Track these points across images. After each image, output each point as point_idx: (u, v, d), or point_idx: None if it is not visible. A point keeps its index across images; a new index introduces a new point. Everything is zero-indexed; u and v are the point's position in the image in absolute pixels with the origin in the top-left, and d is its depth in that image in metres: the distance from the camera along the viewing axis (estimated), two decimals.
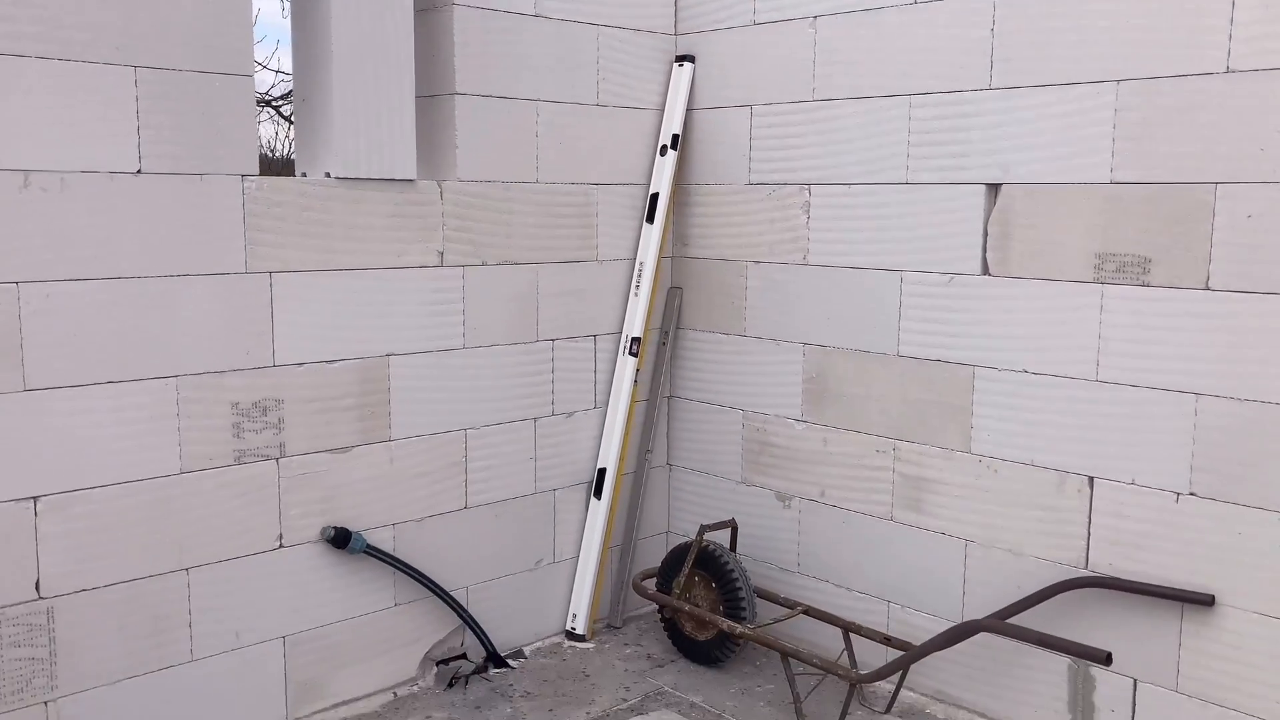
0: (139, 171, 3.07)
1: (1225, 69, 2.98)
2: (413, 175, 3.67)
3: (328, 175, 3.49)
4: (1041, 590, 3.40)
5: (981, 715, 3.68)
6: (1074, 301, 3.35)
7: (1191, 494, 3.15)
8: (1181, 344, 3.13)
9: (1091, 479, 3.36)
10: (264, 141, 10.02)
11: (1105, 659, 2.94)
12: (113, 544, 3.13)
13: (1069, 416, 3.39)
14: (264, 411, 3.39)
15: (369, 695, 3.77)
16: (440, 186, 3.76)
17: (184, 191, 3.16)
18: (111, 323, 3.06)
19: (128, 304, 3.09)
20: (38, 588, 3.01)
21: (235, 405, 3.33)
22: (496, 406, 4.01)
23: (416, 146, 3.71)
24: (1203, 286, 3.08)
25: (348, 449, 3.62)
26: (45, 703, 3.05)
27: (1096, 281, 3.29)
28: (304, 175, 3.54)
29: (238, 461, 3.36)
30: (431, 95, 3.81)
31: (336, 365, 3.55)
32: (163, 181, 3.11)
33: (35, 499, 2.99)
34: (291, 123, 8.75)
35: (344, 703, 3.71)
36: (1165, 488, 3.20)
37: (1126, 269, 3.23)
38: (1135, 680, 3.30)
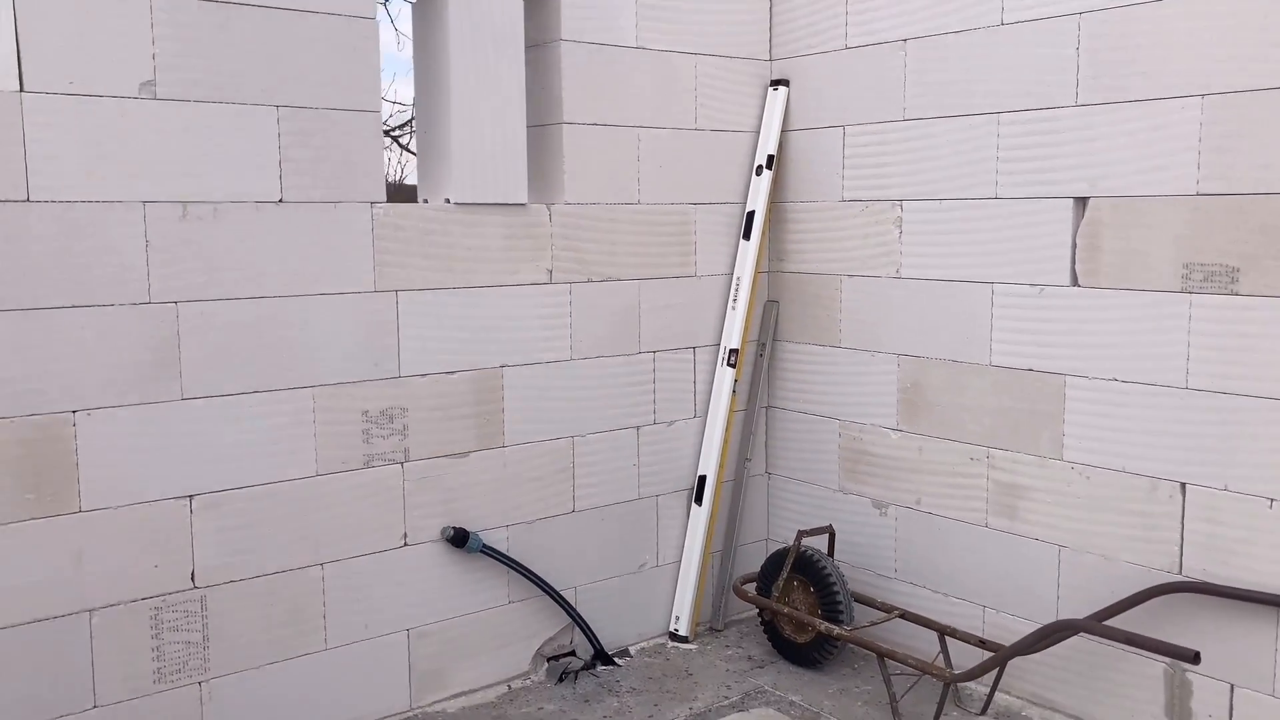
0: (280, 200, 3.40)
1: None
2: (524, 200, 3.94)
3: (447, 201, 3.78)
4: (1135, 595, 3.46)
5: (1076, 719, 3.74)
6: (1162, 311, 3.42)
7: None
8: (1272, 351, 3.18)
9: (1184, 485, 3.41)
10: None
11: (1193, 658, 3.01)
12: (257, 540, 3.45)
13: (1160, 424, 3.45)
14: (390, 419, 3.69)
15: (485, 687, 4.02)
16: (549, 209, 4.02)
17: (319, 219, 3.47)
18: (256, 338, 3.39)
19: (270, 321, 3.41)
20: (193, 578, 3.34)
21: (365, 413, 3.63)
22: (601, 415, 4.24)
23: (528, 172, 3.98)
24: None
25: (466, 454, 3.89)
26: (199, 683, 3.38)
27: (1184, 291, 3.36)
28: (425, 201, 3.84)
29: (367, 465, 3.66)
30: (541, 125, 4.08)
31: (455, 376, 3.83)
32: (301, 209, 3.44)
33: (191, 497, 3.33)
34: (408, 150, 9.22)
35: (462, 693, 3.97)
36: (1259, 494, 3.24)
37: (1214, 278, 3.29)
38: (1232, 685, 3.34)
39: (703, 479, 4.52)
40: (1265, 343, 3.19)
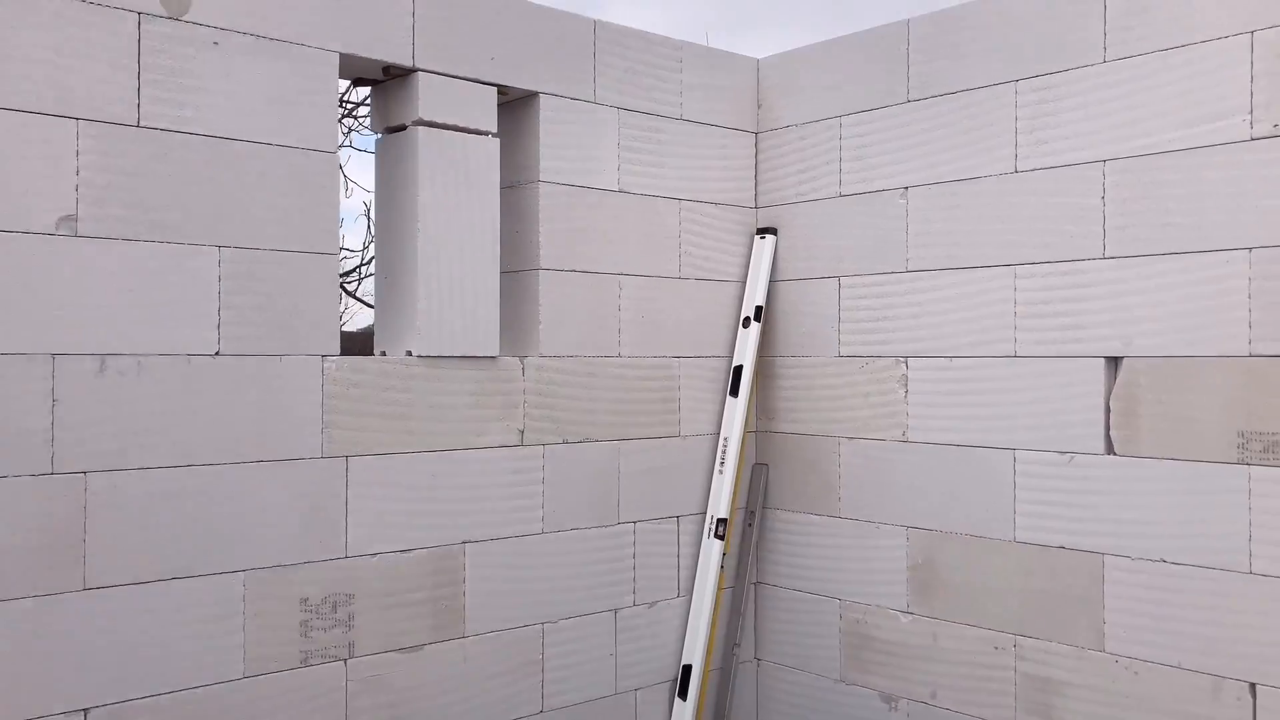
0: (217, 353, 2.94)
1: None
2: (495, 352, 3.52)
3: (409, 354, 3.34)
4: None
5: None
6: (1216, 484, 3.06)
7: None
8: None
9: (1254, 685, 2.99)
10: None
11: None
12: None
13: (1221, 613, 3.05)
14: (334, 608, 3.14)
15: None
16: (523, 363, 3.60)
17: (262, 373, 3.01)
18: (178, 513, 2.87)
19: (198, 493, 2.90)
20: None
21: (304, 601, 3.08)
22: (576, 597, 3.72)
23: (500, 322, 3.57)
24: None
25: (419, 647, 3.34)
26: None
27: (1241, 463, 3.01)
28: (384, 354, 3.40)
29: (304, 664, 3.09)
30: (515, 270, 3.70)
31: (411, 555, 3.31)
32: (241, 364, 2.97)
33: (86, 711, 2.73)
34: (354, 297, 8.78)
35: None
36: None
37: (1276, 448, 2.95)
38: None
39: (687, 669, 3.99)
40: None
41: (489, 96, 3.50)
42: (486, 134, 3.49)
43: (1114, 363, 3.29)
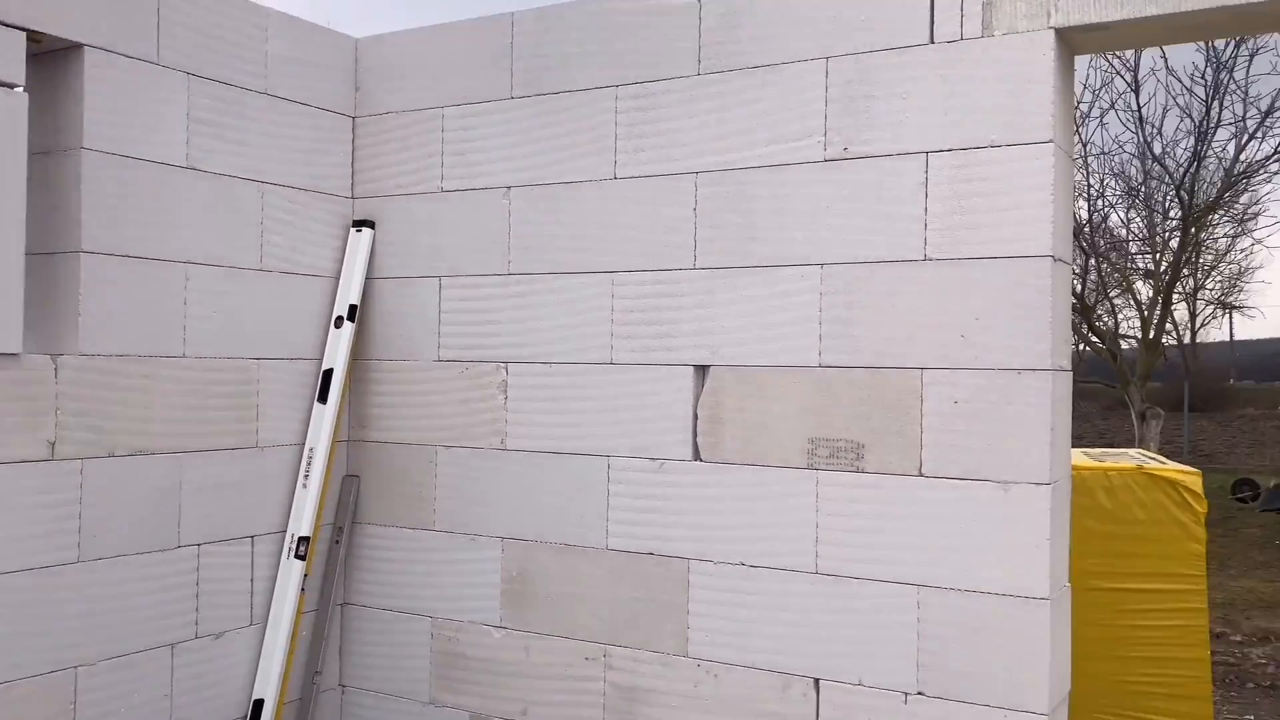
0: None
1: (924, 256, 3.01)
2: (16, 348, 2.94)
3: None
4: None
5: None
6: (789, 489, 3.18)
7: (920, 693, 2.98)
8: (899, 533, 3.02)
9: (817, 681, 3.13)
10: None
11: None
12: None
13: (791, 612, 3.17)
14: None
15: None
16: (55, 361, 3.04)
17: None
18: None
19: None
20: None
21: None
22: (119, 634, 3.21)
23: (25, 313, 2.99)
24: (916, 473, 3.01)
25: None
26: None
27: (811, 468, 3.15)
28: None
29: None
30: (48, 252, 3.13)
31: None
32: None
33: None
34: None
35: None
36: (894, 687, 3.02)
37: (840, 454, 3.11)
38: None
39: (259, 704, 3.58)
40: (892, 524, 3.03)
41: (16, 42, 2.93)
42: (11, 86, 2.92)
43: (702, 371, 3.34)
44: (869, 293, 3.08)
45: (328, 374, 3.83)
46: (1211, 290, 23.82)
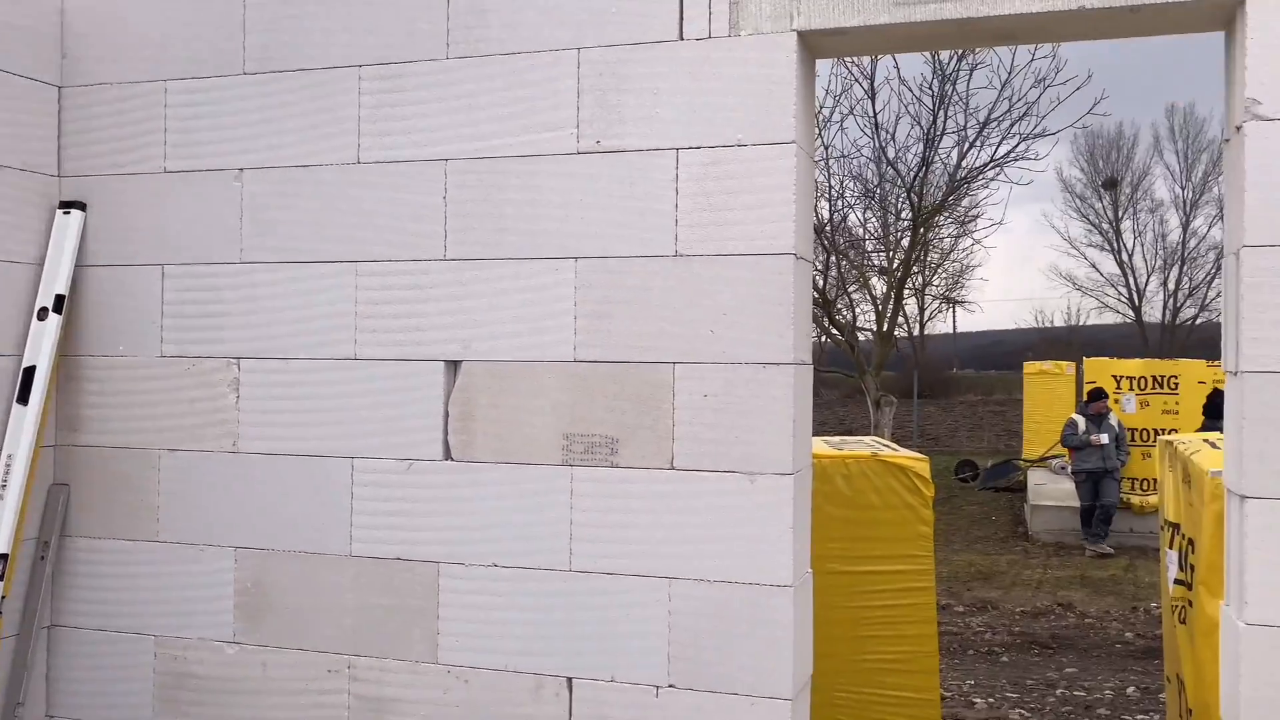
0: None
1: (674, 252, 3.02)
2: None
3: None
4: None
5: None
6: (544, 486, 3.13)
7: (671, 685, 3.00)
8: (652, 526, 3.03)
9: (570, 680, 3.09)
10: None
11: None
12: None
13: (545, 612, 3.11)
14: None
15: None
16: None
17: None
18: None
19: None
20: None
21: None
22: None
23: None
24: (668, 466, 3.02)
25: None
26: None
27: (566, 464, 3.11)
28: None
29: None
30: None
31: None
32: None
33: None
34: None
35: None
36: (645, 682, 3.02)
37: (595, 450, 3.08)
38: None
39: None
40: (645, 517, 3.04)
41: None
42: None
43: (454, 366, 3.23)
44: (623, 287, 3.06)
45: (29, 372, 3.43)
46: (937, 286, 25.84)
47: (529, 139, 3.15)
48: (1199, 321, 33.70)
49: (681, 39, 3.02)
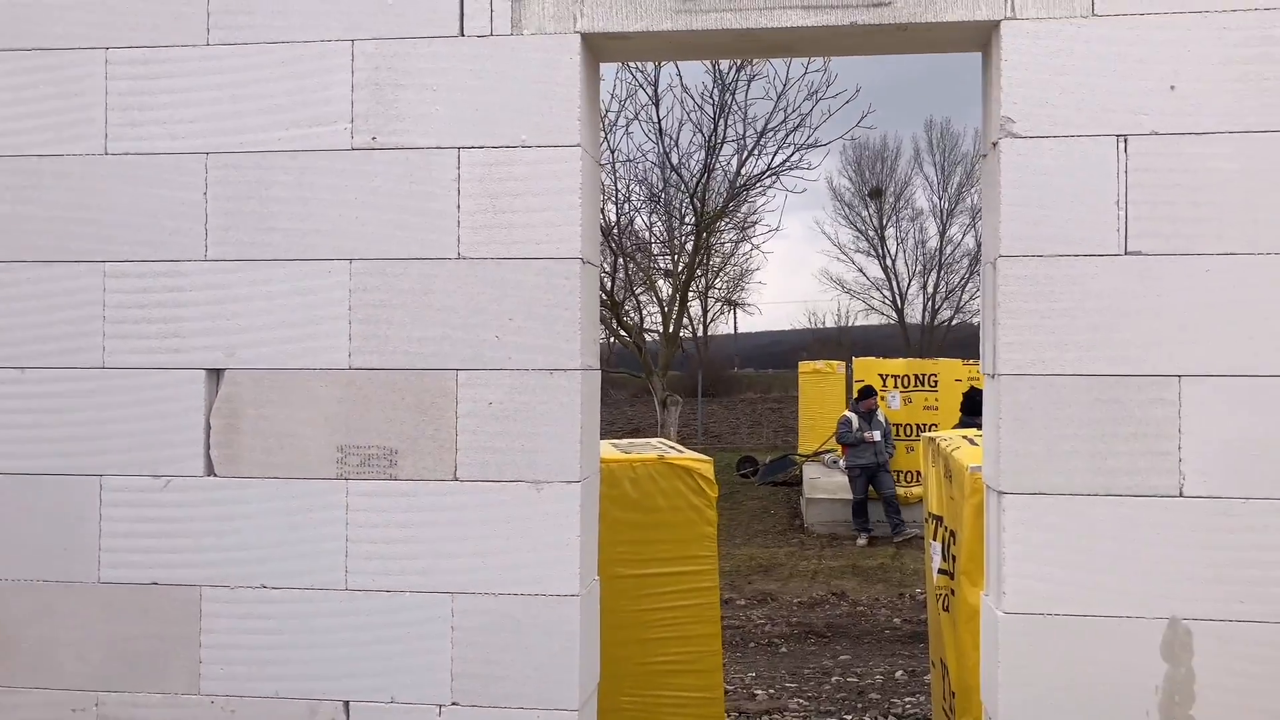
0: None
1: (457, 255, 2.92)
2: None
3: None
4: None
5: None
6: (317, 501, 2.95)
7: (454, 704, 2.90)
8: (434, 540, 2.92)
9: (347, 703, 2.94)
10: None
11: None
12: None
13: (319, 634, 2.95)
14: None
15: None
16: None
17: None
18: None
19: None
20: None
21: None
22: None
23: None
24: (451, 477, 2.92)
25: None
26: None
27: (341, 477, 2.95)
28: None
29: None
30: None
31: None
32: None
33: None
34: None
35: None
36: (427, 701, 2.91)
37: (373, 462, 2.94)
38: None
39: None
40: (427, 530, 2.92)
41: None
42: None
43: (216, 375, 3.00)
44: (402, 291, 2.94)
45: None
46: (720, 289, 26.65)
47: (300, 133, 2.97)
48: (955, 323, 36.30)
49: (463, 35, 2.92)
